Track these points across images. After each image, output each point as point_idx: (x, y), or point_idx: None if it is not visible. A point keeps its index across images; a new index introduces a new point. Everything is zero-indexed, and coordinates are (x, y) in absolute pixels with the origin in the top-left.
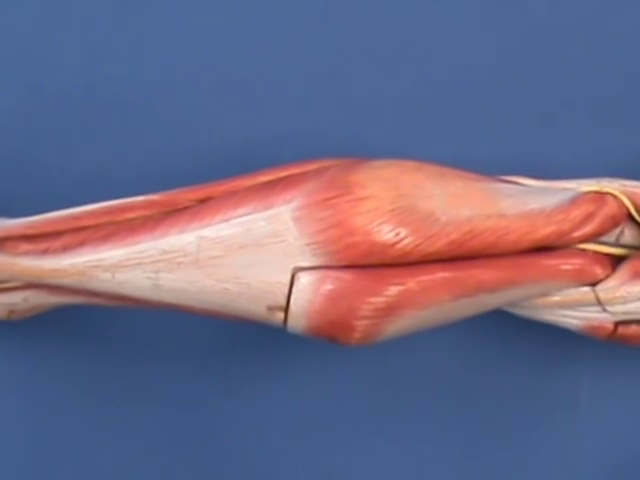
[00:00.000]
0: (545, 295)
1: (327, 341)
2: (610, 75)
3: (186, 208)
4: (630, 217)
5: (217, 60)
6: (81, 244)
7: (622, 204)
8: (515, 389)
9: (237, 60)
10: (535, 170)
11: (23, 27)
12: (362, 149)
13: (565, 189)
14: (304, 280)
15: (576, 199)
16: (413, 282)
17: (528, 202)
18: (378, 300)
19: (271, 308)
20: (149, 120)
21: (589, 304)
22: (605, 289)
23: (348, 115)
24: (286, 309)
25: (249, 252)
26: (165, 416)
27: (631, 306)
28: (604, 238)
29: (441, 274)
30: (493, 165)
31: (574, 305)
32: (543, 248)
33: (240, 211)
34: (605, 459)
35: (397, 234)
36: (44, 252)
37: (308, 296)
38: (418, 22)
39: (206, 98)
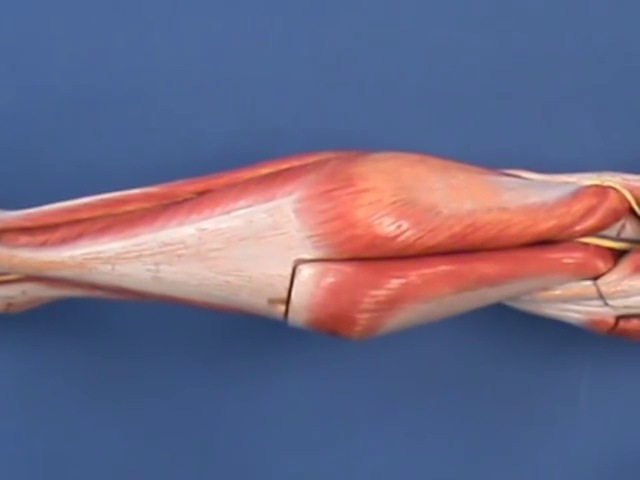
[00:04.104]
0: (546, 289)
1: (328, 334)
2: (612, 70)
3: (185, 200)
4: (632, 211)
5: (216, 52)
6: (79, 236)
7: (624, 198)
8: (514, 384)
9: (236, 52)
10: (537, 164)
11: (19, 23)
12: (363, 142)
13: (567, 183)
14: (305, 273)
15: (578, 193)
16: (415, 275)
17: (529, 195)
18: (380, 293)
19: (272, 301)
20: (147, 112)
21: (590, 298)
22: (607, 283)
23: (349, 107)
24: (287, 302)
25: (250, 244)
26: (163, 410)
27: (632, 300)
28: (605, 232)
29: (443, 267)
30: (495, 158)
31: (575, 299)
32: (544, 242)
33: (241, 203)
34: (604, 455)
35: (399, 227)
36: (42, 244)
37: (309, 289)
38: (422, 15)
39: (205, 90)
